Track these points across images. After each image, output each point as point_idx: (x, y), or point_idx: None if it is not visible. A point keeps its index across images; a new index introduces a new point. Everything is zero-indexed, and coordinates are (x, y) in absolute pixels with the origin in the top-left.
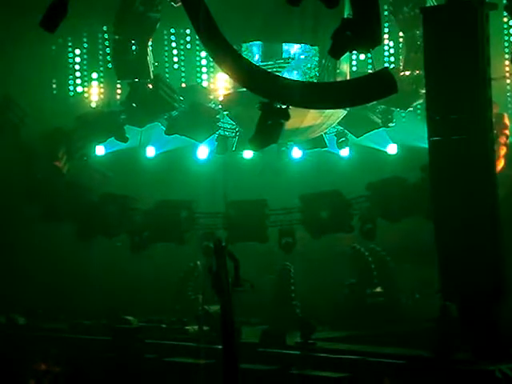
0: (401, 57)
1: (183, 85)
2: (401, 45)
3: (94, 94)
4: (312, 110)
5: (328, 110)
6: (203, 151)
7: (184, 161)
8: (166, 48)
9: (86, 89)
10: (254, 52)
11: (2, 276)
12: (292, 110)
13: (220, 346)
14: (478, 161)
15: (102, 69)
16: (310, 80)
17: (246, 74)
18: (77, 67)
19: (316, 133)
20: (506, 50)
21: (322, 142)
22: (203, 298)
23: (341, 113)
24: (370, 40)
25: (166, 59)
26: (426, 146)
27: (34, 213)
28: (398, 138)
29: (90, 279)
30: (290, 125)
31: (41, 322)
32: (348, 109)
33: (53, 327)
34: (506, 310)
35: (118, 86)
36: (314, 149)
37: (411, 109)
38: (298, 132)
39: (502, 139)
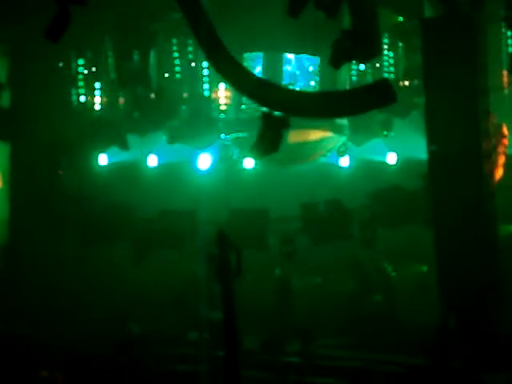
0: (400, 67)
1: (185, 94)
2: (400, 55)
3: (97, 103)
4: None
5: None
6: (205, 160)
7: (186, 170)
8: (168, 58)
9: (88, 98)
10: (255, 64)
11: (3, 284)
12: (297, 124)
13: (221, 353)
14: (476, 170)
15: (104, 78)
16: (310, 90)
17: (247, 84)
18: (79, 77)
19: (325, 150)
20: (504, 61)
21: None
22: (204, 306)
23: (344, 131)
24: (370, 50)
25: (168, 69)
26: (425, 155)
27: (36, 221)
28: (397, 147)
29: (92, 287)
30: (296, 138)
31: (43, 328)
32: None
33: (54, 334)
34: (505, 319)
35: (121, 95)
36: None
37: (410, 118)
38: (305, 148)
39: (501, 149)
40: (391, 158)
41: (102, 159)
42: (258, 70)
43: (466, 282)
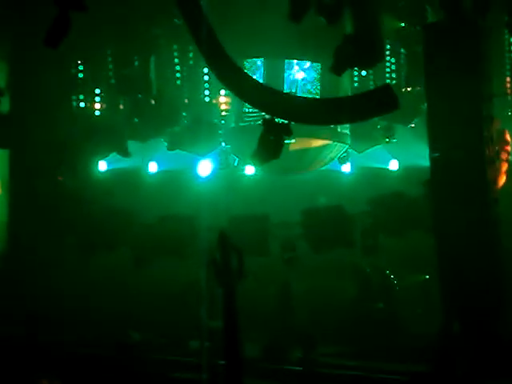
0: (402, 73)
1: (186, 100)
2: (402, 61)
3: (97, 109)
4: None
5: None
6: (205, 167)
7: (187, 176)
8: (169, 64)
9: (88, 104)
10: (256, 70)
11: (4, 287)
12: (299, 132)
13: (222, 362)
14: (478, 177)
15: (104, 84)
16: (312, 96)
17: (248, 90)
18: (79, 82)
19: (326, 159)
20: (508, 67)
21: None
22: (205, 313)
23: (346, 140)
24: (372, 57)
25: (169, 75)
26: (427, 162)
27: (36, 226)
28: (399, 154)
29: (92, 291)
30: (297, 145)
31: (42, 335)
32: (349, 128)
33: (54, 341)
34: (508, 325)
35: (121, 101)
36: None
37: (412, 125)
38: (306, 156)
39: (504, 155)
40: (393, 165)
41: (103, 165)
42: (258, 76)
43: (468, 288)
